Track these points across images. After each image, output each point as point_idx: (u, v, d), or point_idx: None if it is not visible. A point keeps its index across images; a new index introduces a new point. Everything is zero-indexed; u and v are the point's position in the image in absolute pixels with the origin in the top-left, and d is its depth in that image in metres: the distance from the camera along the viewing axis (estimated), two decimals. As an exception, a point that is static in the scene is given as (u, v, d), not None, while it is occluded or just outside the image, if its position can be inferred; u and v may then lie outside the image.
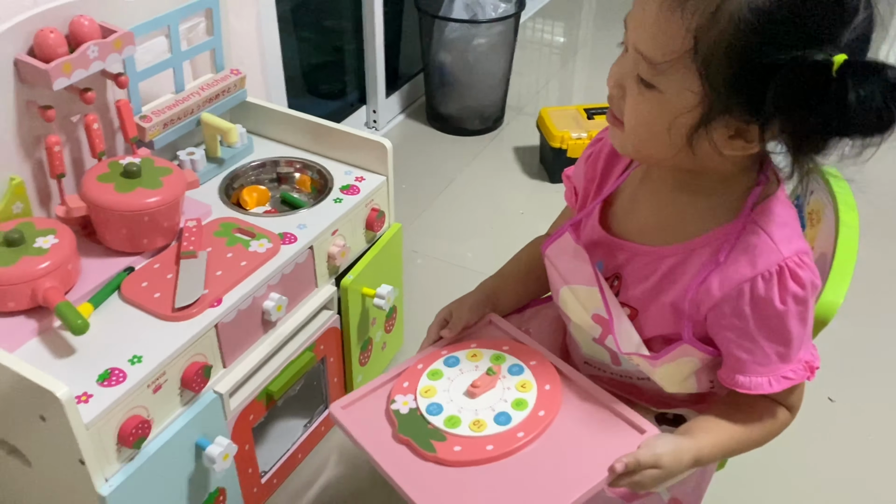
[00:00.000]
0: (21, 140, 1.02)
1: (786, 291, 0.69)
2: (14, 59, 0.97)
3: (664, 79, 0.64)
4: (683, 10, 0.60)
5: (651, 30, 0.63)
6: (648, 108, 0.66)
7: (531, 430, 0.74)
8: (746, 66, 0.59)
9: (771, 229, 0.70)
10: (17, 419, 0.91)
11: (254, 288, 1.03)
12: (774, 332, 0.71)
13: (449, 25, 2.09)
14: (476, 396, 0.79)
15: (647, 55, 0.64)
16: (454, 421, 0.77)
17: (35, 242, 0.96)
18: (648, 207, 0.78)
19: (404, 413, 0.79)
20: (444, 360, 0.85)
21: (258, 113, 1.34)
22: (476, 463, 0.72)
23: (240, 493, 1.14)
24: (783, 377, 0.73)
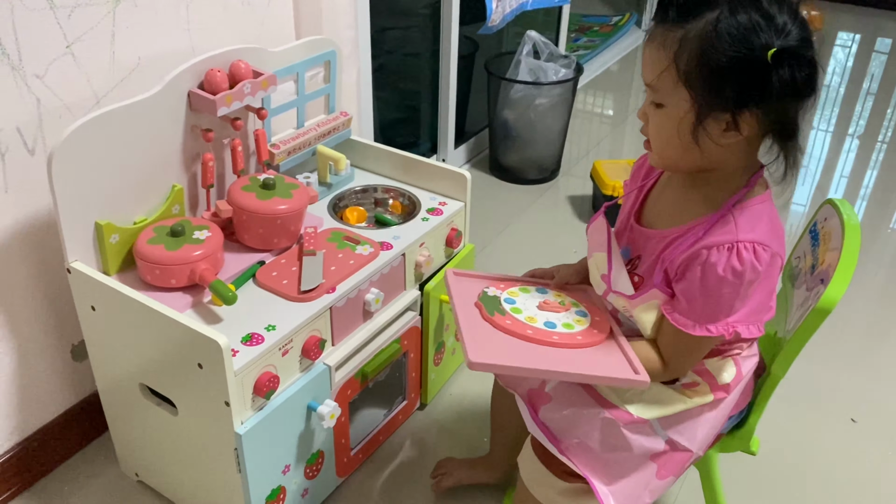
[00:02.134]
0: (185, 156, 1.29)
1: (728, 263, 0.91)
2: (188, 91, 1.24)
3: (664, 96, 0.90)
4: (664, 46, 0.88)
5: (648, 65, 0.91)
6: (660, 120, 0.93)
7: (564, 340, 0.99)
8: (710, 72, 0.85)
9: (740, 220, 0.93)
10: (176, 369, 1.14)
11: (359, 282, 1.27)
12: (710, 293, 0.93)
13: (514, 86, 2.37)
14: (542, 310, 1.04)
15: (649, 83, 0.92)
16: (517, 310, 1.04)
17: (193, 234, 1.21)
18: (664, 202, 1.04)
19: (489, 295, 1.07)
20: (538, 288, 1.11)
21: (359, 148, 1.60)
22: (514, 335, 0.98)
23: (334, 460, 1.35)
24: (706, 328, 0.94)
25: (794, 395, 1.64)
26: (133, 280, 1.21)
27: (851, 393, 1.70)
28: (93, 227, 1.18)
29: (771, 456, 1.49)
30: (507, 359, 0.95)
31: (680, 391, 1.05)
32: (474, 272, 1.14)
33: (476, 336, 0.98)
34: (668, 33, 0.88)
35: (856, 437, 1.59)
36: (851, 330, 1.91)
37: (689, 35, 0.86)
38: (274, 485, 1.22)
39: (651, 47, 0.90)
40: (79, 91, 1.24)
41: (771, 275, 0.94)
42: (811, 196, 2.65)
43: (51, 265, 1.30)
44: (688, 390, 1.05)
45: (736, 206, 0.94)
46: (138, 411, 1.27)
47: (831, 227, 1.13)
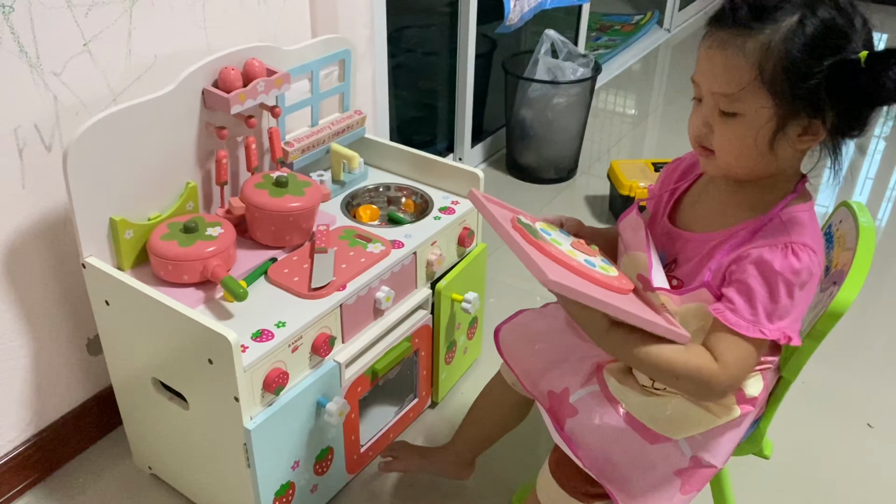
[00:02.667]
0: (199, 153, 1.30)
1: (785, 260, 0.88)
2: (202, 89, 1.25)
3: (742, 104, 0.86)
4: (744, 52, 0.84)
5: (722, 74, 0.86)
6: (734, 130, 0.88)
7: (605, 280, 0.90)
8: (799, 78, 0.82)
9: (789, 224, 0.91)
10: (187, 364, 1.15)
11: (370, 279, 1.27)
12: (767, 290, 0.89)
13: (532, 86, 2.36)
14: (575, 248, 0.96)
15: (724, 92, 0.87)
16: (556, 241, 0.95)
17: (206, 231, 1.23)
18: (706, 205, 1.01)
19: (525, 221, 0.96)
20: (561, 230, 1.05)
21: (373, 147, 1.61)
22: (559, 263, 0.89)
23: (343, 456, 1.36)
24: (760, 330, 0.90)
25: (810, 399, 1.63)
26: (147, 275, 1.23)
27: (868, 397, 1.68)
28: (108, 223, 1.20)
29: (785, 460, 1.47)
30: (576, 283, 0.85)
31: (707, 408, 1.01)
32: (498, 200, 1.04)
33: (536, 253, 0.87)
34: (746, 39, 0.83)
35: (872, 443, 1.57)
36: (869, 333, 1.88)
37: (774, 40, 0.82)
38: (283, 480, 1.23)
39: (725, 54, 0.85)
40: (95, 88, 1.26)
41: (815, 284, 0.92)
42: (835, 197, 2.62)
43: (67, 260, 1.32)
44: (715, 406, 1.01)
45: (784, 210, 0.92)
46: (151, 405, 1.28)
47: (846, 229, 1.12)
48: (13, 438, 1.36)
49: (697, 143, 0.94)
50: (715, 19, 0.88)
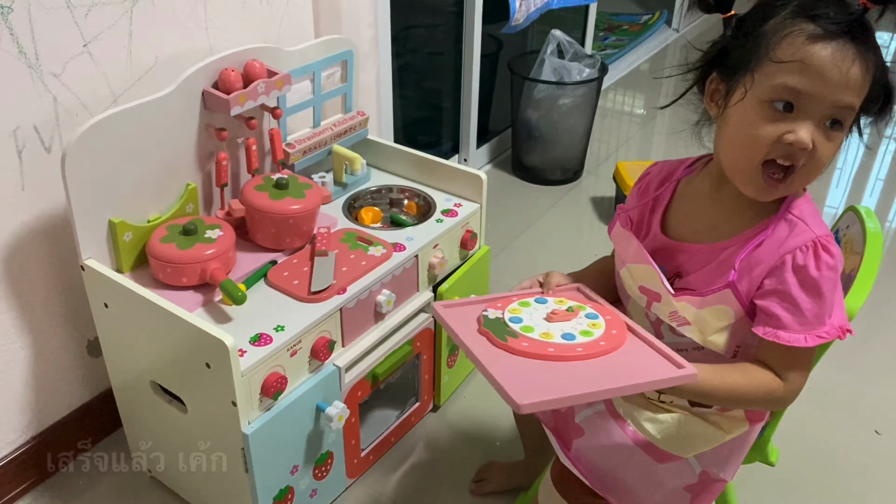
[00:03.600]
0: (199, 154, 1.29)
1: (820, 260, 0.87)
2: (202, 90, 1.25)
3: (851, 115, 0.86)
4: (866, 66, 0.83)
5: (853, 87, 0.83)
6: (836, 142, 0.86)
7: (589, 349, 0.88)
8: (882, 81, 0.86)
9: (804, 217, 0.90)
10: (185, 368, 1.14)
11: (371, 283, 1.26)
12: (811, 295, 0.87)
13: (538, 86, 2.34)
14: (552, 321, 0.93)
15: (852, 104, 0.84)
16: (527, 328, 0.91)
17: (206, 234, 1.22)
18: (703, 216, 0.98)
19: (490, 318, 0.94)
20: (535, 298, 1.01)
21: (376, 148, 1.59)
22: (536, 357, 0.86)
23: (344, 461, 1.35)
24: (817, 336, 0.88)
25: (817, 406, 1.60)
26: (146, 278, 1.22)
27: (876, 404, 1.66)
28: (107, 225, 1.19)
29: (792, 467, 1.45)
30: (552, 391, 0.81)
31: (716, 425, 1.00)
32: (462, 299, 1.02)
33: (505, 372, 0.83)
34: (867, 52, 0.83)
35: (880, 450, 1.55)
36: (877, 339, 1.85)
37: (876, 51, 0.84)
38: (282, 485, 1.22)
39: (857, 67, 0.82)
40: (96, 90, 1.25)
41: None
42: (845, 198, 2.59)
43: (67, 262, 1.31)
44: (724, 421, 1.00)
45: (792, 205, 0.91)
46: (150, 408, 1.27)
47: (853, 234, 1.10)
48: (13, 440, 1.36)
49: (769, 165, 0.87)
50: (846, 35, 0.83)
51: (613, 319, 0.96)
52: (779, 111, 0.85)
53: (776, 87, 0.84)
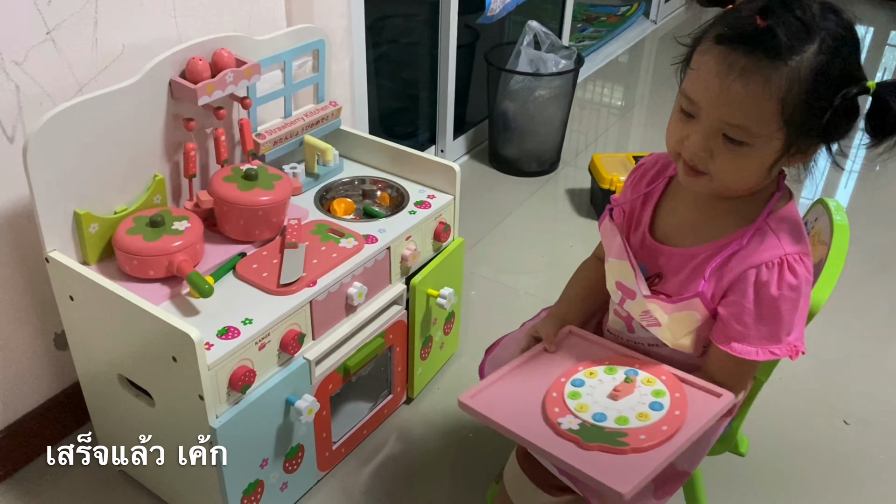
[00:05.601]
0: (166, 145, 1.27)
1: (783, 279, 0.87)
2: (170, 79, 1.23)
3: (754, 136, 0.82)
4: (769, 86, 0.78)
5: (742, 105, 0.80)
6: (739, 159, 0.84)
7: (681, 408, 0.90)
8: (817, 112, 0.80)
9: (779, 231, 0.89)
10: (151, 361, 1.13)
11: (342, 275, 1.25)
12: (769, 312, 0.88)
13: (514, 77, 2.33)
14: (619, 399, 0.92)
15: (740, 124, 0.81)
16: (623, 419, 0.89)
17: (173, 225, 1.20)
18: (686, 216, 0.97)
19: (577, 429, 0.88)
20: (571, 383, 0.96)
21: (349, 139, 1.58)
22: (662, 444, 0.85)
23: (315, 454, 1.34)
24: (770, 351, 0.90)
25: (787, 396, 1.62)
26: (113, 270, 1.20)
27: (845, 395, 1.67)
28: (72, 217, 1.17)
29: (762, 458, 1.46)
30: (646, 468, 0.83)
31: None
32: (483, 382, 0.99)
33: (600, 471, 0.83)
34: (772, 71, 0.78)
35: (849, 440, 1.56)
36: (846, 331, 1.87)
37: (798, 73, 0.78)
38: (251, 479, 1.21)
39: (746, 86, 0.79)
40: (60, 78, 1.23)
41: (811, 286, 0.91)
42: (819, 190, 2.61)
43: (33, 254, 1.29)
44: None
45: (770, 216, 0.90)
46: (118, 402, 1.26)
47: (821, 226, 1.11)
48: (-22, 435, 1.34)
49: (689, 164, 0.88)
50: (734, 40, 0.80)
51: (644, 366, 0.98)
52: (685, 114, 0.86)
53: (681, 92, 0.87)
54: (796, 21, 0.78)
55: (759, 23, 0.77)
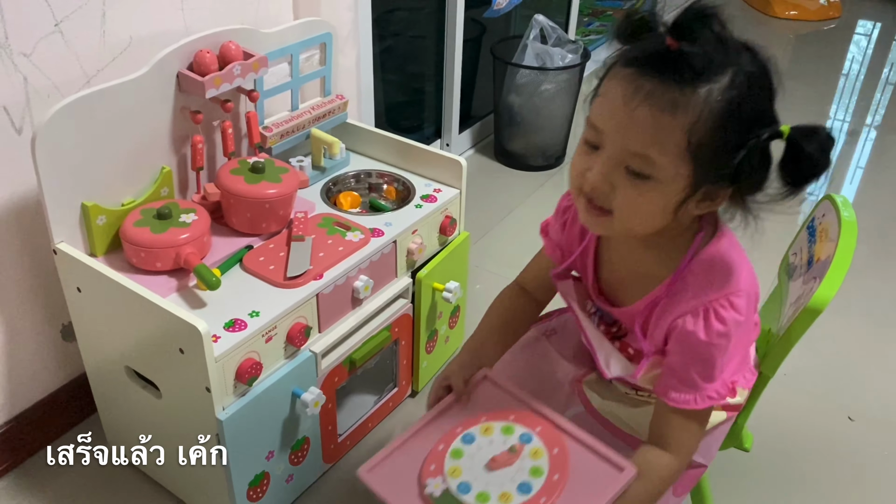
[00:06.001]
0: (174, 137, 1.27)
1: (710, 328, 0.83)
2: (177, 72, 1.23)
3: (657, 168, 0.75)
4: (676, 113, 0.72)
5: (646, 132, 0.74)
6: (642, 194, 0.77)
7: (549, 492, 0.85)
8: (725, 149, 0.74)
9: (702, 276, 0.84)
10: (158, 353, 1.13)
11: (348, 268, 1.25)
12: (699, 360, 0.85)
13: (520, 72, 2.33)
14: (494, 469, 0.88)
15: (644, 153, 0.75)
16: (484, 496, 0.85)
17: (180, 217, 1.20)
18: (621, 271, 0.94)
19: (438, 496, 0.86)
20: (462, 437, 0.93)
21: (355, 132, 1.58)
22: None
23: (320, 446, 1.34)
24: (708, 396, 0.87)
25: (792, 392, 1.62)
26: (120, 262, 1.21)
27: (850, 391, 1.67)
28: (79, 209, 1.17)
29: (766, 453, 1.46)
30: None
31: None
32: (386, 450, 0.93)
33: None
34: (679, 97, 0.72)
35: (853, 436, 1.56)
36: (851, 329, 1.87)
37: (708, 103, 0.72)
38: (257, 470, 1.21)
39: (652, 111, 0.73)
40: (68, 70, 1.23)
41: (751, 316, 0.87)
42: (825, 187, 2.60)
43: (41, 246, 1.29)
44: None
45: (693, 260, 0.85)
46: (125, 393, 1.26)
47: (828, 223, 1.10)
48: (-15, 425, 1.34)
49: (589, 200, 0.81)
50: (641, 62, 0.74)
51: (545, 431, 0.92)
52: (590, 145, 0.81)
53: (586, 121, 0.81)
54: (711, 47, 0.72)
55: (671, 44, 0.72)
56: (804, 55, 3.86)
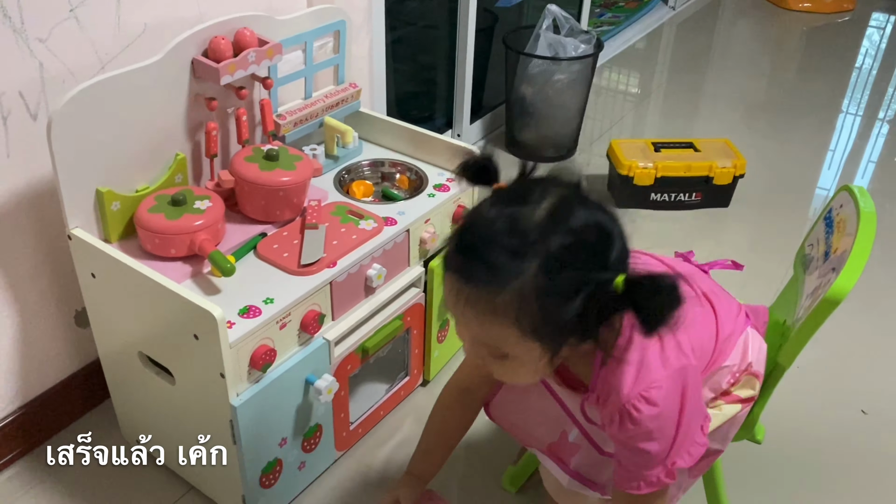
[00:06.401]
0: (188, 124, 1.27)
1: (625, 430, 0.86)
2: (192, 58, 1.22)
3: (510, 350, 0.79)
4: (496, 314, 0.75)
5: (483, 333, 0.79)
6: (510, 368, 0.82)
7: None
8: (560, 321, 0.75)
9: (615, 380, 0.85)
10: (172, 339, 1.13)
11: (361, 257, 1.25)
12: (631, 453, 0.88)
13: (533, 62, 2.32)
14: None
15: (492, 346, 0.80)
16: None
17: (195, 204, 1.20)
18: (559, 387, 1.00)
19: None
20: None
21: (368, 121, 1.58)
22: None
23: (332, 434, 1.34)
24: (649, 483, 0.89)
25: (805, 385, 1.61)
26: (135, 248, 1.21)
27: (863, 384, 1.67)
28: (94, 194, 1.17)
29: (778, 446, 1.46)
30: None
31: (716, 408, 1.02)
32: None
33: None
34: (493, 297, 0.74)
35: (866, 429, 1.56)
36: (866, 321, 1.86)
37: (522, 294, 0.73)
38: (270, 457, 1.22)
39: (476, 312, 0.76)
40: (83, 56, 1.23)
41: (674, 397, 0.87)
42: (836, 181, 2.59)
43: (54, 231, 1.30)
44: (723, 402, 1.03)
45: (603, 367, 0.87)
46: (138, 379, 1.27)
47: (846, 214, 1.10)
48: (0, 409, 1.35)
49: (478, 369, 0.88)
50: (453, 269, 0.77)
51: None
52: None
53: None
54: (502, 252, 0.73)
55: (460, 259, 0.75)
56: (818, 48, 3.83)
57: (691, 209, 2.25)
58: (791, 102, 3.09)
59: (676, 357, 0.87)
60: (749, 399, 1.04)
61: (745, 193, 2.31)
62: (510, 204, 0.76)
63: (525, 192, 0.77)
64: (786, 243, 2.13)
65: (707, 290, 1.03)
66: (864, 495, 1.42)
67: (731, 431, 1.04)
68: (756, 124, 2.90)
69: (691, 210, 2.25)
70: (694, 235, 2.17)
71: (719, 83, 3.29)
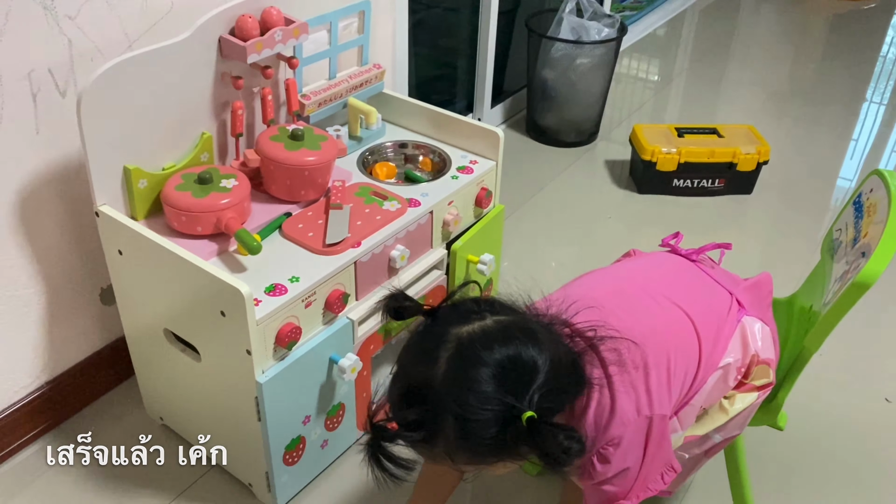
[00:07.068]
0: (214, 103, 1.28)
1: (591, 478, 0.93)
2: (219, 37, 1.23)
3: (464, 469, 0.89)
4: (436, 458, 0.83)
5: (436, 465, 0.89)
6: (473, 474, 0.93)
7: None
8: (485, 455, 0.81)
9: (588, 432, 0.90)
10: (199, 316, 1.14)
11: (385, 237, 1.25)
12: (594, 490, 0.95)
13: (555, 45, 2.31)
14: None
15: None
16: None
17: (221, 183, 1.21)
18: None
19: None
20: None
21: (392, 102, 1.57)
22: None
23: (355, 413, 1.35)
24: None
25: (828, 373, 1.60)
26: (161, 226, 1.22)
27: (888, 372, 1.65)
28: (121, 172, 1.18)
29: (801, 433, 1.45)
30: None
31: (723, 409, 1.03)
32: None
33: None
34: (429, 448, 0.82)
35: (890, 417, 1.55)
36: (891, 309, 1.84)
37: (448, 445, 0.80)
38: (294, 435, 1.23)
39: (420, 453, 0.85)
40: (111, 34, 1.23)
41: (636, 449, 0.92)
42: (859, 170, 2.56)
43: (81, 208, 1.31)
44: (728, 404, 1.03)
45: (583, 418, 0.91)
46: (163, 356, 1.28)
47: (877, 198, 1.08)
48: (27, 385, 1.37)
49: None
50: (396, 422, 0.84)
51: None
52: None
53: None
54: (422, 413, 0.79)
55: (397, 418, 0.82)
56: (842, 36, 3.78)
57: (714, 195, 2.24)
58: (814, 90, 3.05)
59: (643, 406, 0.91)
60: (765, 386, 1.03)
61: (767, 180, 2.29)
62: (416, 364, 0.85)
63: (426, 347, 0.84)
64: (809, 230, 2.12)
65: (684, 293, 1.02)
66: (887, 483, 1.41)
67: (745, 416, 1.04)
68: (779, 111, 2.88)
69: (714, 196, 2.24)
70: (716, 222, 2.16)
71: (742, 70, 3.25)
